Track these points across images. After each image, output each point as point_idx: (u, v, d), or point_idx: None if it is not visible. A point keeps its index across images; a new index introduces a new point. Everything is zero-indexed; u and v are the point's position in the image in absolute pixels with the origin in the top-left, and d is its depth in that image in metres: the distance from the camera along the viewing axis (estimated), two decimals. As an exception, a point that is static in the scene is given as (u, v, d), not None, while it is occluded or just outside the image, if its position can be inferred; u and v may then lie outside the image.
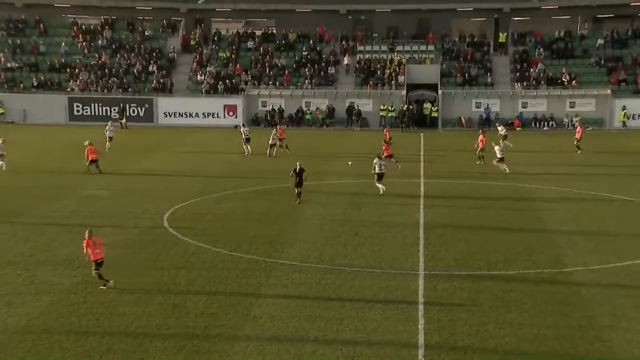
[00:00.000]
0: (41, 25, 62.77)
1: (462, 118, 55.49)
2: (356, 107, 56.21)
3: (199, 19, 65.33)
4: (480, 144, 37.78)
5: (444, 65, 58.68)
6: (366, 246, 22.32)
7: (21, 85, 57.68)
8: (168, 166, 36.95)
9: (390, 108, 55.83)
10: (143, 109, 56.31)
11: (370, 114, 56.28)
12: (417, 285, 18.65)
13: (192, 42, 62.29)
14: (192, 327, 15.96)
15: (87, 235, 18.37)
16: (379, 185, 29.79)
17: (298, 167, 28.08)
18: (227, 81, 58.11)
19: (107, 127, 42.86)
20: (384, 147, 35.31)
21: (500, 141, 37.08)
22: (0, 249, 21.45)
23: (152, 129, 53.27)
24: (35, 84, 57.83)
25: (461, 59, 59.19)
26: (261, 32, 63.88)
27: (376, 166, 29.90)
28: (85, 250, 18.28)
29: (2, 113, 55.59)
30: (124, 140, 46.08)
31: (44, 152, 40.40)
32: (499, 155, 35.19)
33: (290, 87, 57.97)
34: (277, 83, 58.26)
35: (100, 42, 62.01)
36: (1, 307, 16.59)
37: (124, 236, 23.24)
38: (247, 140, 40.72)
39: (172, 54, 61.13)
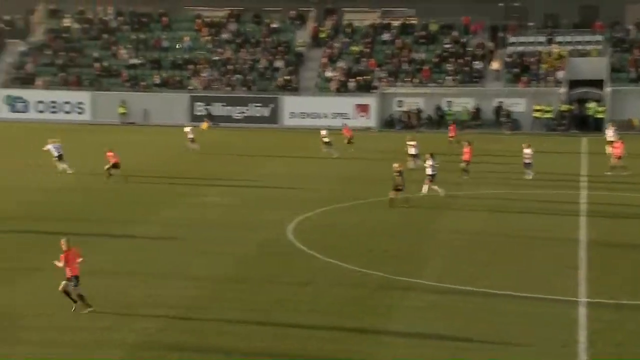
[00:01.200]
0: (165, 19, 65.69)
1: (634, 120, 52.83)
2: (506, 108, 54.89)
3: (330, 9, 66.16)
4: None
5: (614, 59, 56.15)
6: (511, 265, 21.65)
7: (143, 83, 60.49)
8: (292, 171, 37.56)
9: (546, 108, 54.09)
10: (268, 109, 57.66)
11: (523, 115, 54.80)
12: (576, 314, 17.83)
13: (322, 35, 63.13)
14: (316, 351, 16.00)
15: (64, 245, 17.36)
16: (434, 188, 30.23)
17: (399, 167, 28.94)
18: (359, 78, 58.40)
19: (187, 129, 43.71)
20: (465, 150, 34.62)
21: None
22: (117, 258, 22.47)
23: (277, 131, 54.40)
24: (157, 82, 60.51)
25: (636, 51, 56.43)
26: (399, 23, 63.77)
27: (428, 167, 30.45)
28: (62, 265, 17.39)
29: (124, 113, 58.31)
30: (241, 143, 47.38)
31: (160, 156, 42.14)
32: None
33: (430, 84, 57.46)
34: (416, 80, 57.92)
35: (224, 36, 64.07)
36: (121, 321, 17.36)
37: (242, 248, 23.70)
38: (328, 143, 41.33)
39: (300, 48, 62.21)
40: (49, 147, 36.24)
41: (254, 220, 27.36)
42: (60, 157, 35.97)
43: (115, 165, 34.43)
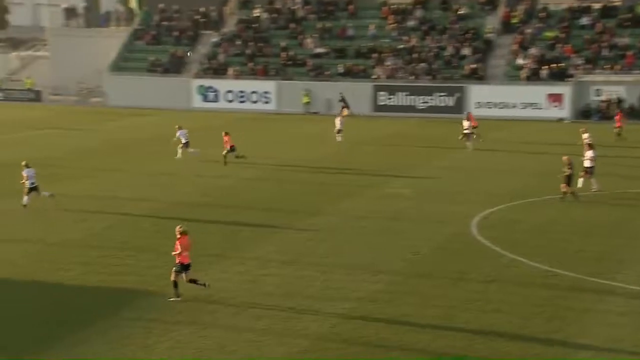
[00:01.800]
0: (351, 7, 66.64)
1: None
2: None
3: (523, -7, 64.40)
4: None
5: None
6: None
7: (327, 72, 61.80)
8: (476, 164, 37.04)
9: None
10: (453, 98, 57.13)
11: None
12: None
13: (514, 21, 61.61)
14: (500, 354, 15.79)
15: (179, 233, 18.46)
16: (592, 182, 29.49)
17: (567, 160, 28.14)
18: (552, 65, 56.50)
19: (338, 119, 44.04)
20: None
21: None
22: (298, 249, 23.22)
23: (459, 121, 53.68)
24: (340, 71, 61.59)
25: None
26: (600, 5, 60.95)
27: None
28: (178, 252, 18.38)
29: (308, 102, 59.87)
30: (424, 134, 47.25)
31: (344, 146, 42.84)
32: None
33: (635, 71, 54.51)
34: (617, 67, 55.17)
35: (410, 23, 64.08)
36: (305, 310, 17.97)
37: (428, 242, 23.78)
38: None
39: (489, 34, 61.07)
40: (178, 134, 38.67)
41: (436, 213, 27.34)
42: (187, 145, 38.33)
43: (232, 149, 36.25)
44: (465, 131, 41.41)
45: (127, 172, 34.63)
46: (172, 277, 18.58)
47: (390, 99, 58.81)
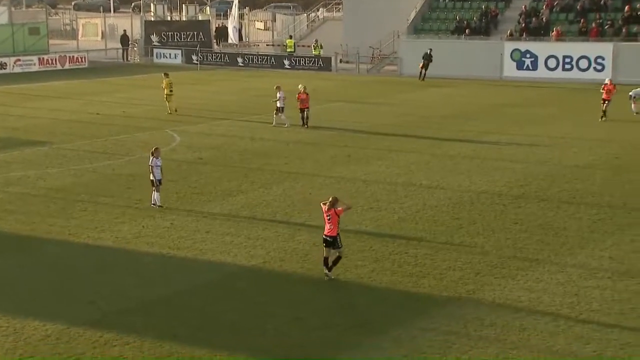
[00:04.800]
0: None
1: None
2: None
3: None
4: None
5: None
6: None
7: None
8: None
9: None
10: None
11: None
12: None
13: None
14: None
15: (329, 204, 20.17)
16: None
17: None
18: None
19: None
20: None
21: None
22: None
23: None
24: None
25: None
26: None
27: None
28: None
29: None
30: None
31: None
32: None
33: None
34: None
35: None
36: None
37: None
38: None
39: None
40: (278, 95, 41.35)
41: None
42: (280, 110, 41.38)
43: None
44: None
45: (422, 154, 34.98)
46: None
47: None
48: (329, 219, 20.22)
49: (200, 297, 19.44)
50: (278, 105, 41.29)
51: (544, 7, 64.01)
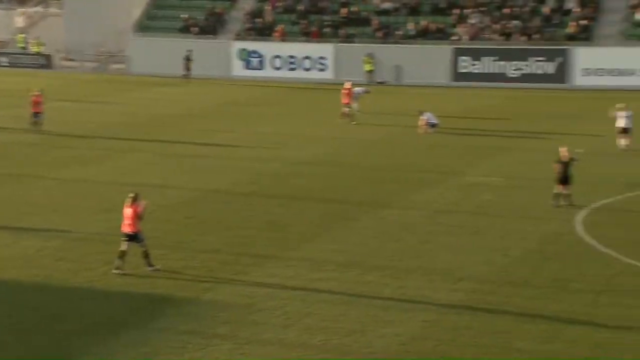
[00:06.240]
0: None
1: None
2: None
3: None
4: None
5: None
6: None
7: (397, 33, 61.21)
8: (584, 146, 36.43)
9: None
10: (554, 64, 56.30)
11: None
12: None
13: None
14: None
15: (130, 200, 20.83)
16: None
17: (565, 153, 26.92)
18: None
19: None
20: None
21: None
22: (361, 249, 23.20)
23: (565, 93, 53.00)
24: (412, 31, 61.02)
25: None
26: None
27: None
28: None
29: (371, 70, 59.43)
30: (518, 108, 46.64)
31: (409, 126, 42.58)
32: None
33: None
34: None
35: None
36: (369, 324, 17.95)
37: (521, 242, 23.57)
38: None
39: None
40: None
41: (532, 206, 27.12)
42: None
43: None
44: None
45: (152, 154, 34.94)
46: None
47: (474, 65, 58.23)
48: (129, 215, 20.37)
49: None
50: None
51: (268, 8, 65.54)
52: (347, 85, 43.31)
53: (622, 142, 34.87)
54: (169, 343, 16.97)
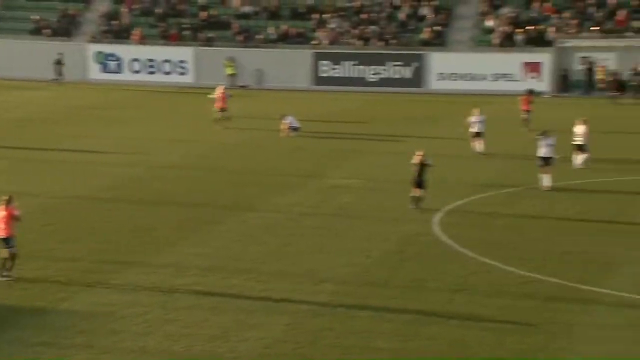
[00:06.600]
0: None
1: None
2: None
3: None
4: None
5: None
6: None
7: (258, 37, 61.28)
8: (439, 149, 37.32)
9: None
10: (410, 68, 57.44)
11: None
12: None
13: (483, -26, 62.17)
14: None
15: (4, 203, 20.38)
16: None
17: (420, 157, 27.41)
18: (529, 28, 57.15)
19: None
20: None
21: None
22: (224, 252, 23.16)
23: (421, 97, 54.09)
24: (273, 35, 61.22)
25: None
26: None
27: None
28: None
29: (233, 74, 59.30)
30: (376, 112, 47.42)
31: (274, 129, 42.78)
32: None
33: (628, 35, 55.49)
34: (606, 30, 56.07)
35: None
36: (233, 328, 17.91)
37: (381, 244, 23.93)
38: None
39: (454, -8, 61.49)
40: None
41: (391, 208, 27.54)
42: None
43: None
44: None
45: (8, 160, 33.94)
46: None
47: (334, 69, 58.82)
48: (3, 218, 19.71)
49: None
50: None
51: (124, 10, 64.50)
52: (220, 89, 43.21)
53: (477, 145, 35.85)
54: (21, 355, 16.50)
